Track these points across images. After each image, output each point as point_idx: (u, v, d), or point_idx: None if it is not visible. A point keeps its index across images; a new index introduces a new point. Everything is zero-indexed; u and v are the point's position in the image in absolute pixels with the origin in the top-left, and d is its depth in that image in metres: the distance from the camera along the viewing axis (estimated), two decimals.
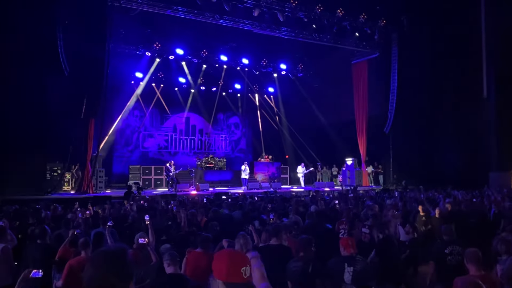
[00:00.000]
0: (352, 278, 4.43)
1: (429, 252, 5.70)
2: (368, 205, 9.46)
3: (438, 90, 20.10)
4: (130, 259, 1.81)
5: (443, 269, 5.25)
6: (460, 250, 5.21)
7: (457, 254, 5.22)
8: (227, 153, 25.88)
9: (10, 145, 14.53)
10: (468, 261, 4.17)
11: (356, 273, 4.45)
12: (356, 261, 4.55)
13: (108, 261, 1.74)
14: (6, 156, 14.44)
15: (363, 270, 4.49)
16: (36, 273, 2.84)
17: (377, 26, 20.91)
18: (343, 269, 4.50)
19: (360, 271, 4.46)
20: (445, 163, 20.25)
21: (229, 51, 22.97)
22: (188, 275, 4.68)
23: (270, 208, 9.28)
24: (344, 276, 4.47)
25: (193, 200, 11.88)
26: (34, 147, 15.10)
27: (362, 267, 4.50)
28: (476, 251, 4.21)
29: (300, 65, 25.79)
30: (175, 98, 24.15)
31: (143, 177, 19.94)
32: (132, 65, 21.73)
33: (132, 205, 10.37)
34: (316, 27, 20.04)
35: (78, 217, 8.69)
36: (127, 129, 22.94)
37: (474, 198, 11.44)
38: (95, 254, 1.88)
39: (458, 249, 5.25)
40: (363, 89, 22.83)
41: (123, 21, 17.75)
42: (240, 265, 2.02)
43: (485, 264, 4.30)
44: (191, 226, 7.12)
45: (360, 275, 4.45)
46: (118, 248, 1.84)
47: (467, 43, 20.32)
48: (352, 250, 4.64)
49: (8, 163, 14.54)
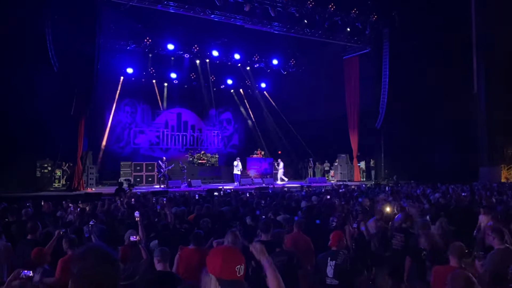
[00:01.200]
0: (334, 272, 4.48)
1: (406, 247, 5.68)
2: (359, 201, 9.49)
3: (429, 86, 20.17)
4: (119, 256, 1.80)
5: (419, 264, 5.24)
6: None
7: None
8: (219, 149, 25.79)
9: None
10: (451, 254, 4.19)
11: (337, 266, 4.49)
12: (338, 255, 4.59)
13: (98, 256, 1.74)
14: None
15: (345, 264, 4.52)
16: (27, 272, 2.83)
17: (369, 21, 20.93)
18: (327, 263, 4.55)
19: (341, 265, 4.51)
20: (436, 158, 20.41)
21: (221, 47, 22.85)
22: (181, 272, 4.66)
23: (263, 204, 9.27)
24: (327, 269, 4.50)
25: (184, 197, 11.83)
26: (23, 144, 14.98)
27: (343, 261, 4.54)
28: (461, 245, 4.25)
29: (292, 60, 25.76)
30: (167, 94, 23.99)
31: (134, 173, 19.85)
32: (123, 60, 21.52)
33: (123, 202, 10.30)
34: (307, 22, 20.03)
35: (68, 215, 8.62)
36: (118, 126, 22.76)
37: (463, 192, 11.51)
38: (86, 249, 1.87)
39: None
40: (355, 84, 22.87)
41: (113, 16, 17.58)
42: (235, 262, 2.01)
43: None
44: (182, 223, 7.08)
45: (341, 268, 4.49)
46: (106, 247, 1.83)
47: (458, 38, 20.41)
48: (337, 244, 4.69)
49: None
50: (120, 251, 4.90)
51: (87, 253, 1.77)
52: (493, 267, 4.52)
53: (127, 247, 5.17)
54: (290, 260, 4.52)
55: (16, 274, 2.91)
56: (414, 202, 8.93)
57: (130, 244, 5.25)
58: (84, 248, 1.81)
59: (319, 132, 24.06)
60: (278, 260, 4.47)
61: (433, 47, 20.07)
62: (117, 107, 22.58)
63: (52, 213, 8.74)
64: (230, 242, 4.60)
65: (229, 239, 4.70)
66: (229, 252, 2.10)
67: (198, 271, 4.43)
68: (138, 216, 5.97)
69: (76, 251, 2.00)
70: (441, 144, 20.35)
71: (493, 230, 4.98)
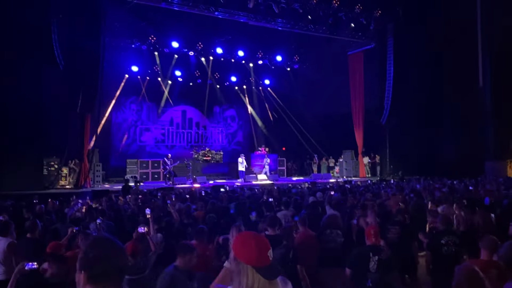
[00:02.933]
0: (377, 267, 4.52)
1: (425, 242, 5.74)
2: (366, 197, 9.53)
3: (434, 80, 20.12)
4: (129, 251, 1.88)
5: (438, 259, 5.29)
6: (456, 241, 5.26)
7: (453, 245, 5.25)
8: (223, 146, 25.89)
9: (6, 139, 14.52)
10: (483, 247, 4.20)
11: (381, 261, 4.54)
12: (381, 250, 4.64)
13: (106, 244, 1.83)
14: (2, 151, 14.45)
15: (389, 259, 4.58)
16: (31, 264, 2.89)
17: (373, 16, 20.85)
18: (369, 258, 4.58)
19: (386, 260, 4.56)
20: (441, 153, 20.36)
21: (225, 44, 22.88)
22: None
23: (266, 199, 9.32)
24: (370, 264, 4.55)
25: (190, 193, 11.92)
26: (30, 142, 15.09)
27: (388, 256, 4.60)
28: (494, 238, 4.25)
29: (296, 56, 25.73)
30: (172, 91, 24.07)
31: (140, 170, 20.00)
32: (128, 58, 21.62)
33: (131, 199, 10.41)
34: (311, 18, 19.96)
35: (75, 212, 8.74)
36: (124, 123, 22.91)
37: (470, 186, 11.51)
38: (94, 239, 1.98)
39: (454, 239, 5.28)
40: (360, 80, 22.80)
41: (117, 14, 17.64)
42: (266, 248, 2.00)
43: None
44: (188, 219, 7.16)
45: (385, 263, 4.54)
46: (111, 237, 1.91)
47: (463, 32, 20.31)
48: (375, 239, 4.73)
49: (4, 158, 14.55)
50: (129, 245, 4.96)
51: (96, 242, 1.86)
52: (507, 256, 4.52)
53: (136, 241, 5.24)
54: (286, 253, 4.66)
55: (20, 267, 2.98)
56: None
57: (138, 237, 5.32)
58: (92, 239, 1.88)
59: (324, 128, 24.07)
60: (277, 253, 4.59)
61: (438, 41, 19.99)
62: (123, 105, 22.72)
63: (59, 211, 8.85)
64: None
65: (233, 233, 4.77)
66: (259, 239, 2.05)
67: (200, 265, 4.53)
68: (149, 213, 6.02)
69: (85, 242, 2.08)
70: (446, 139, 20.30)
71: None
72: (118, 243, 1.85)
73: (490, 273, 3.87)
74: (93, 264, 1.75)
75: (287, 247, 4.74)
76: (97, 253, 1.76)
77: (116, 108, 22.29)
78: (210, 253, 5.21)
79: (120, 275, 1.83)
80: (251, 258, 1.95)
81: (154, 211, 7.71)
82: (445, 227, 5.55)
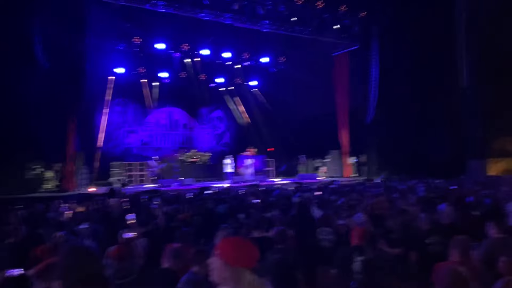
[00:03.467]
0: (362, 268, 4.52)
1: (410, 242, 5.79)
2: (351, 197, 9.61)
3: (418, 81, 20.35)
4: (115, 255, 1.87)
5: (424, 259, 5.33)
6: (442, 240, 5.28)
7: (438, 244, 5.30)
8: (211, 147, 25.83)
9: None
10: (452, 247, 4.23)
11: (366, 262, 4.54)
12: (366, 251, 4.63)
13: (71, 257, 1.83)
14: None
15: (374, 260, 4.58)
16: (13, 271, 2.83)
17: (357, 18, 21.05)
18: (353, 258, 4.59)
19: (371, 261, 4.55)
20: (426, 152, 20.61)
21: (211, 45, 22.83)
22: None
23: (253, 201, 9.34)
24: (353, 265, 4.57)
25: (177, 195, 11.87)
26: (13, 145, 14.85)
27: (374, 257, 4.60)
28: (464, 238, 4.28)
29: (283, 58, 25.82)
30: (157, 93, 23.94)
31: (126, 173, 19.81)
32: (113, 60, 21.45)
33: (116, 202, 10.31)
34: (296, 20, 20.08)
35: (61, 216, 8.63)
36: (109, 126, 22.71)
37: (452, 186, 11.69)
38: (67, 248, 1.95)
39: (439, 239, 5.31)
40: (345, 80, 23.02)
41: (101, 15, 17.47)
42: (254, 249, 2.08)
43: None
44: (175, 221, 7.14)
45: (370, 264, 4.54)
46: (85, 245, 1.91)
47: (447, 33, 20.61)
48: (361, 240, 4.73)
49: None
50: (115, 249, 4.92)
51: (70, 251, 1.86)
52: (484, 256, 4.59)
53: (122, 245, 5.20)
54: (285, 259, 4.53)
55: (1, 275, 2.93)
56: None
57: (124, 241, 5.28)
58: (66, 247, 1.87)
59: (310, 128, 24.20)
60: (271, 258, 4.52)
61: (422, 42, 20.22)
62: (108, 107, 22.52)
63: (43, 215, 8.74)
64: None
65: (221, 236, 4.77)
66: (245, 241, 2.15)
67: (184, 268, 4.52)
68: (132, 218, 5.97)
69: (60, 251, 2.06)
70: (431, 139, 20.56)
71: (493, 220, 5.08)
72: (94, 251, 1.84)
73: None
74: (68, 273, 1.74)
75: (284, 252, 4.63)
76: (72, 262, 1.76)
77: (101, 110, 22.07)
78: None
79: (98, 282, 1.82)
80: (246, 260, 1.99)
81: (140, 215, 7.68)
82: (430, 227, 5.63)
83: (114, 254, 4.83)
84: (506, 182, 12.77)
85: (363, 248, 4.72)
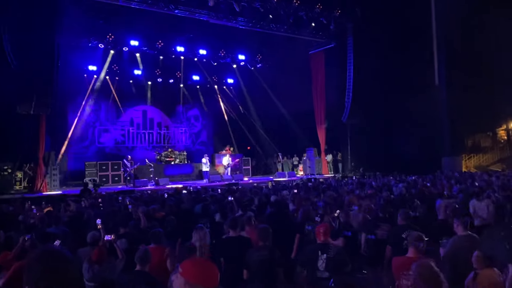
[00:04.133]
0: (326, 265, 4.52)
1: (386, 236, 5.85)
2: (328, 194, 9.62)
3: (393, 79, 20.67)
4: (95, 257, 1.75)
5: (399, 253, 5.39)
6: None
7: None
8: (187, 146, 25.54)
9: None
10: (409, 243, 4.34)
11: (329, 260, 4.54)
12: (329, 248, 4.63)
13: (44, 261, 1.70)
14: None
15: (337, 257, 4.57)
16: None
17: (333, 16, 21.17)
18: (317, 256, 4.58)
19: (333, 258, 4.55)
20: (401, 149, 20.96)
21: (186, 42, 22.54)
22: None
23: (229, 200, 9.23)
24: (318, 263, 4.54)
25: (152, 196, 11.66)
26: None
27: (336, 254, 4.58)
28: (418, 234, 4.43)
29: (259, 55, 25.76)
30: (131, 91, 23.48)
31: (100, 173, 19.35)
32: (85, 57, 20.90)
33: (89, 203, 10.05)
34: (272, 18, 20.05)
35: (30, 218, 8.33)
36: (81, 125, 22.16)
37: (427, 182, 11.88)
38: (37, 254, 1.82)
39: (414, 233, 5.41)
40: (321, 79, 23.17)
41: (73, 12, 16.97)
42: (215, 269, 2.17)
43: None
44: (152, 221, 6.99)
45: (333, 261, 4.54)
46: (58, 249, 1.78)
47: (419, 31, 20.99)
48: (324, 237, 4.72)
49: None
50: (94, 252, 4.80)
51: (40, 256, 1.73)
52: (452, 253, 4.71)
53: (101, 248, 5.06)
54: (270, 256, 4.52)
55: None
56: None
57: (104, 244, 5.16)
58: (36, 252, 1.77)
59: (287, 127, 24.30)
60: (258, 255, 4.52)
61: (396, 41, 20.54)
62: (80, 106, 21.98)
63: (13, 217, 8.42)
64: (198, 239, 4.60)
65: (197, 236, 4.69)
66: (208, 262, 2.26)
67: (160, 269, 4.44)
68: (100, 224, 5.81)
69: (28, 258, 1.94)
70: (405, 136, 20.92)
71: (457, 217, 5.16)
72: (66, 255, 1.73)
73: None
74: (37, 279, 1.63)
75: (269, 249, 4.61)
76: (41, 267, 1.64)
77: (73, 108, 21.52)
78: (167, 257, 5.09)
79: (71, 287, 1.72)
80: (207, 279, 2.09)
81: (116, 216, 7.48)
82: (405, 222, 5.67)
83: (93, 257, 4.71)
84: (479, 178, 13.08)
85: (327, 245, 4.70)
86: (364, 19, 21.29)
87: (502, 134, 30.08)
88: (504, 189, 9.18)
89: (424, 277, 2.98)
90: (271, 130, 25.21)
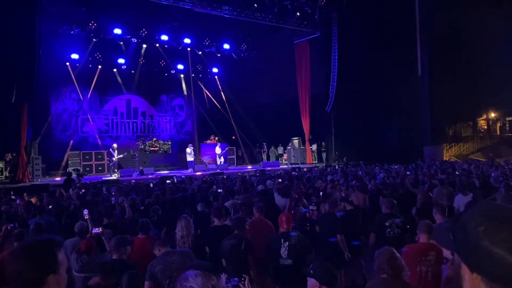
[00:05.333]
0: (288, 252, 4.66)
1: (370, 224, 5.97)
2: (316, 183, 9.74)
3: (376, 69, 20.82)
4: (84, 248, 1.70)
5: (382, 240, 5.51)
6: (399, 223, 5.50)
7: (395, 227, 5.49)
8: (172, 136, 25.42)
9: None
10: (420, 231, 4.41)
11: (291, 247, 4.67)
12: (291, 236, 4.76)
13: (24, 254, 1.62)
14: None
15: (298, 245, 4.70)
16: None
17: (317, 5, 21.16)
18: (280, 244, 4.71)
19: (295, 245, 4.69)
20: (383, 139, 21.27)
21: (170, 31, 22.30)
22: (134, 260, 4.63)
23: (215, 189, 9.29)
24: (281, 250, 4.68)
25: (136, 185, 11.64)
26: None
27: (297, 242, 4.72)
28: (429, 223, 4.50)
29: (244, 45, 25.65)
30: (115, 80, 23.18)
31: (83, 163, 19.17)
32: (67, 45, 20.53)
33: (73, 193, 9.99)
34: (257, 6, 19.95)
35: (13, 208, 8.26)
36: (64, 114, 21.84)
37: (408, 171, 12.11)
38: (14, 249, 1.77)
39: (397, 222, 5.51)
40: (306, 68, 23.22)
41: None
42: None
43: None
44: (134, 212, 7.00)
45: (295, 249, 4.67)
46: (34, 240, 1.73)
47: (403, 23, 21.14)
48: (287, 226, 4.86)
49: None
50: (83, 242, 4.81)
51: (17, 253, 1.64)
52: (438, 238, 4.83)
53: (90, 239, 5.07)
54: (238, 244, 4.63)
55: None
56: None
57: (93, 236, 5.17)
58: (13, 249, 1.67)
59: (272, 116, 24.33)
60: (227, 244, 4.64)
61: (380, 31, 20.67)
62: (63, 94, 21.65)
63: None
64: (184, 226, 4.67)
65: (181, 225, 4.75)
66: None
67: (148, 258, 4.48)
68: (87, 214, 5.80)
69: (8, 252, 1.87)
70: (388, 126, 21.21)
71: (436, 206, 5.31)
72: (47, 247, 1.63)
73: (429, 256, 4.13)
74: (13, 280, 1.54)
75: (238, 238, 4.73)
76: (17, 267, 1.56)
77: (55, 97, 21.20)
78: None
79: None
80: None
81: (100, 206, 7.47)
82: (390, 211, 5.79)
83: (82, 248, 4.72)
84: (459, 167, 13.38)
85: (289, 233, 4.83)
86: (349, 9, 21.33)
87: (483, 123, 30.73)
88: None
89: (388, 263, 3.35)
90: (256, 119, 25.22)
